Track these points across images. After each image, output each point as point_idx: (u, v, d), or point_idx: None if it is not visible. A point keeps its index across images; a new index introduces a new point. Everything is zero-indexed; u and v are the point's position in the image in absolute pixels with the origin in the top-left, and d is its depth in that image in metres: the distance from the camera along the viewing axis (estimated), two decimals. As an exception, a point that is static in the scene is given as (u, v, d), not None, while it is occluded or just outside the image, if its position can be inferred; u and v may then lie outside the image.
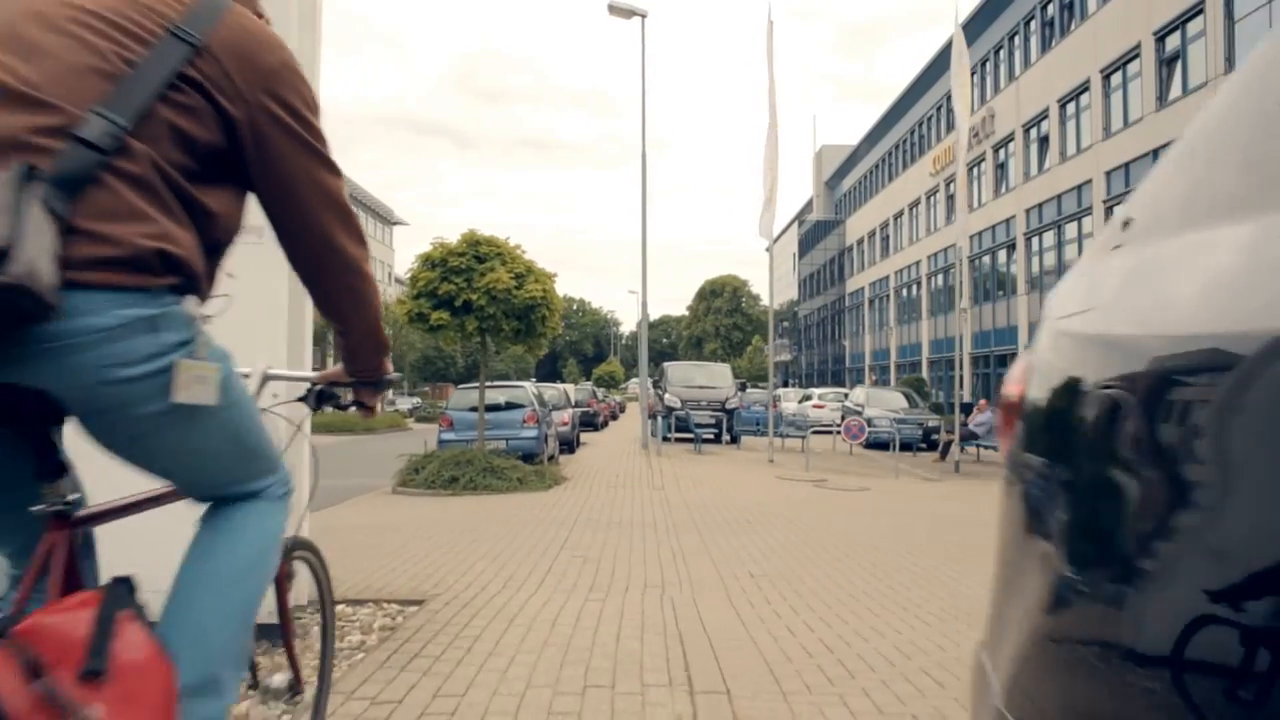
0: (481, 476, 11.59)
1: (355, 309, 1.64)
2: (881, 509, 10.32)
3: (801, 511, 9.76)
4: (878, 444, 21.56)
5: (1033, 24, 30.90)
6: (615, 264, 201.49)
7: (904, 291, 43.63)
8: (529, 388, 14.99)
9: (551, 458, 16.17)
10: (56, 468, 1.39)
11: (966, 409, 32.68)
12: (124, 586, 1.32)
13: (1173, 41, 22.95)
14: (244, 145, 1.42)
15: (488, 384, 14.55)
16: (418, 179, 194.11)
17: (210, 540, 1.51)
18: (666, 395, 21.65)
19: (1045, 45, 29.85)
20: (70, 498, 1.40)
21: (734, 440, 21.20)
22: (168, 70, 1.33)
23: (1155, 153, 23.10)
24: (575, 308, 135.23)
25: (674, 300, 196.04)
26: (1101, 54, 25.87)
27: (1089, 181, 26.36)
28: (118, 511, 1.54)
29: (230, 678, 1.46)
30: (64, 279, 1.17)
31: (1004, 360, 32.38)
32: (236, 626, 1.48)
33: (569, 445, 19.98)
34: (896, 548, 7.24)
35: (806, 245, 62.32)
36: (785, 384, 55.89)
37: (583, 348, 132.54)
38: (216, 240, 1.44)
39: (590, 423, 31.73)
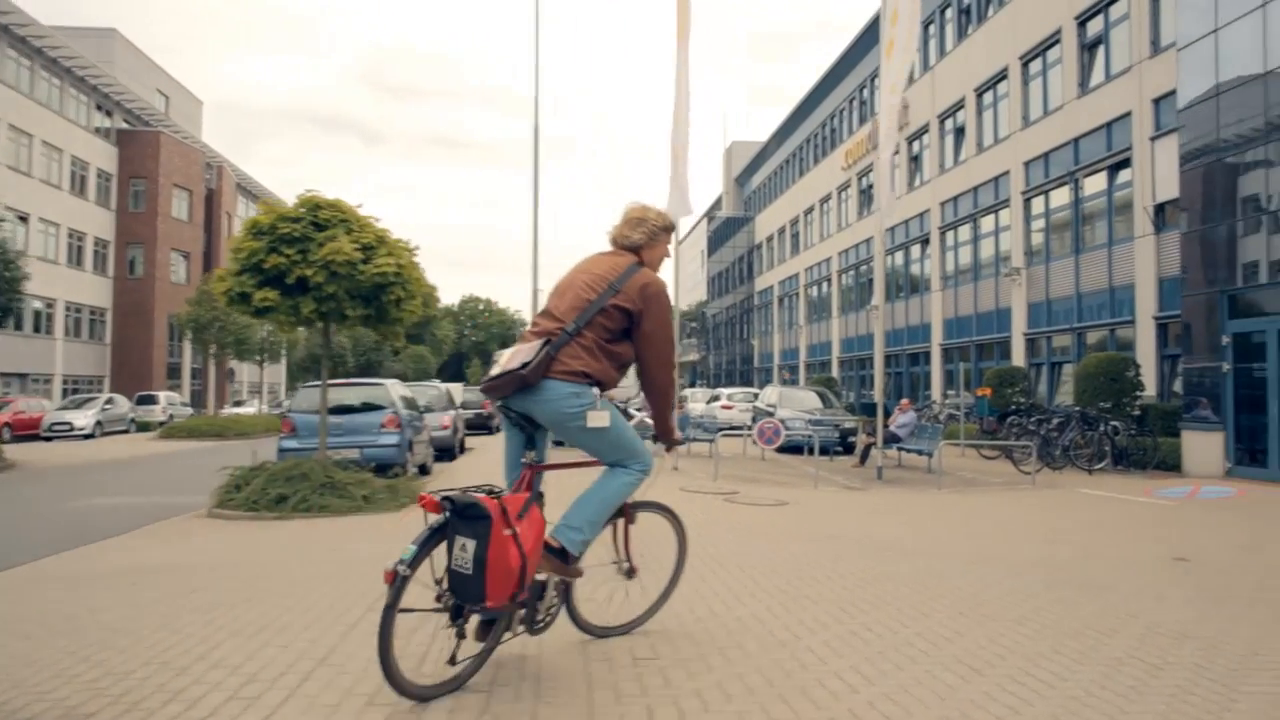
0: (317, 494, 9.37)
1: (661, 404, 3.95)
2: (807, 530, 8.49)
3: (709, 536, 7.85)
4: (791, 448, 19.96)
5: (949, 12, 29.86)
6: (529, 264, 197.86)
7: (814, 289, 42.46)
8: (392, 387, 12.73)
9: (423, 468, 13.99)
10: (533, 446, 3.70)
11: (886, 410, 31.47)
12: (540, 495, 3.56)
13: (1095, 26, 21.97)
14: (633, 329, 3.75)
15: (341, 382, 12.36)
16: (325, 175, 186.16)
17: (601, 480, 3.80)
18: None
19: (961, 33, 28.82)
20: (535, 458, 3.68)
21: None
22: (604, 303, 3.69)
23: (1075, 142, 22.11)
24: (482, 308, 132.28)
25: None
26: (1021, 41, 24.85)
27: (1007, 173, 25.31)
28: (557, 467, 3.85)
29: (587, 531, 3.73)
30: (547, 375, 3.57)
31: (916, 359, 31.30)
32: (594, 513, 3.76)
33: (450, 452, 17.78)
34: (845, 594, 5.35)
35: (715, 243, 60.92)
36: (693, 384, 54.40)
37: (489, 348, 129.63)
38: (622, 364, 3.76)
39: (484, 426, 29.58)
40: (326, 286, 9.40)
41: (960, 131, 28.63)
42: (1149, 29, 19.65)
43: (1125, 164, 20.35)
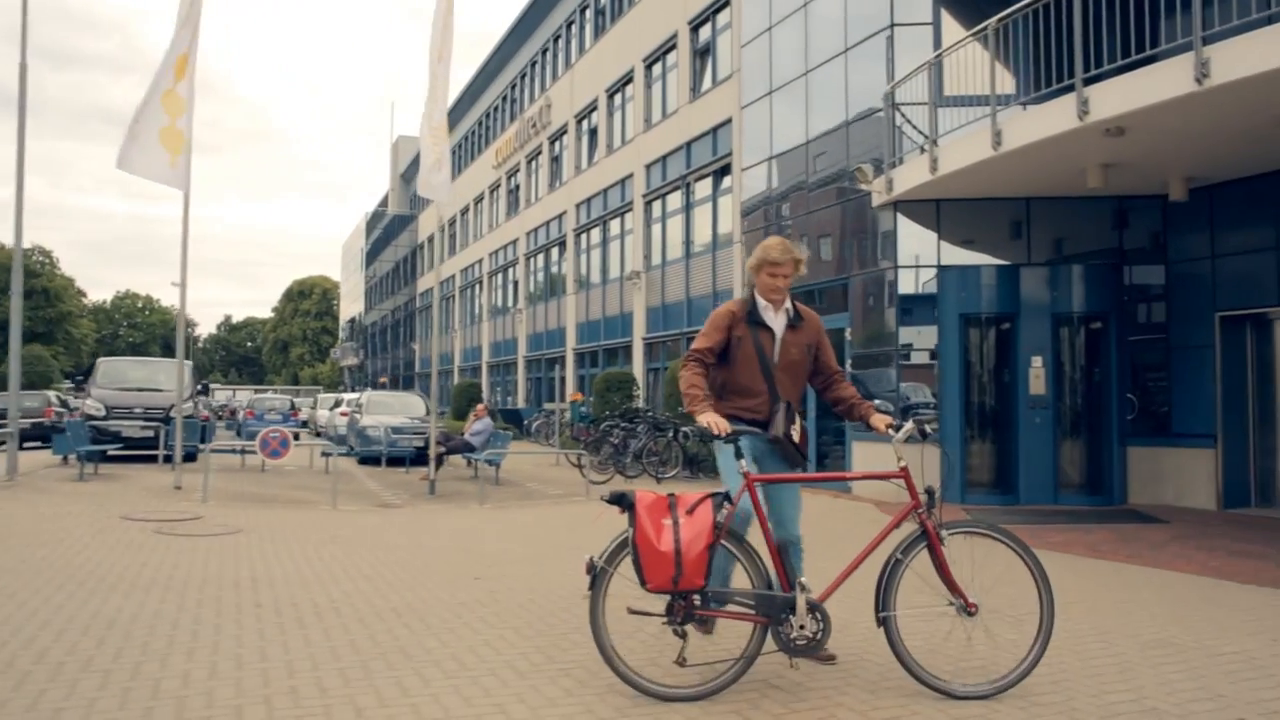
0: None
1: (842, 398, 4.47)
2: (199, 573, 6.49)
3: (20, 584, 5.64)
4: (372, 459, 18.02)
5: (588, 11, 29.37)
6: (206, 259, 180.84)
7: (468, 291, 40.85)
8: None
9: None
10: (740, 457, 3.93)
11: (522, 415, 30.18)
12: (721, 495, 3.74)
13: (705, 32, 22.00)
14: (814, 353, 4.48)
15: None
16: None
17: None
18: (89, 400, 16.32)
19: (598, 32, 28.37)
20: (746, 470, 3.87)
21: (188, 458, 16.33)
22: (807, 342, 4.47)
23: (688, 146, 22.01)
24: (140, 305, 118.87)
25: (262, 302, 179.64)
26: (644, 43, 24.62)
27: (631, 176, 24.98)
28: (769, 479, 4.13)
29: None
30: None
31: (552, 364, 30.48)
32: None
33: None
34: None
35: (381, 242, 57.70)
36: (353, 390, 50.88)
37: (150, 350, 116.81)
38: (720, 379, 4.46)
39: (46, 438, 24.98)
40: None
41: (594, 133, 28.14)
42: (745, 37, 19.76)
43: (727, 170, 20.38)
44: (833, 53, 12.68)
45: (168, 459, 15.63)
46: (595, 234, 27.61)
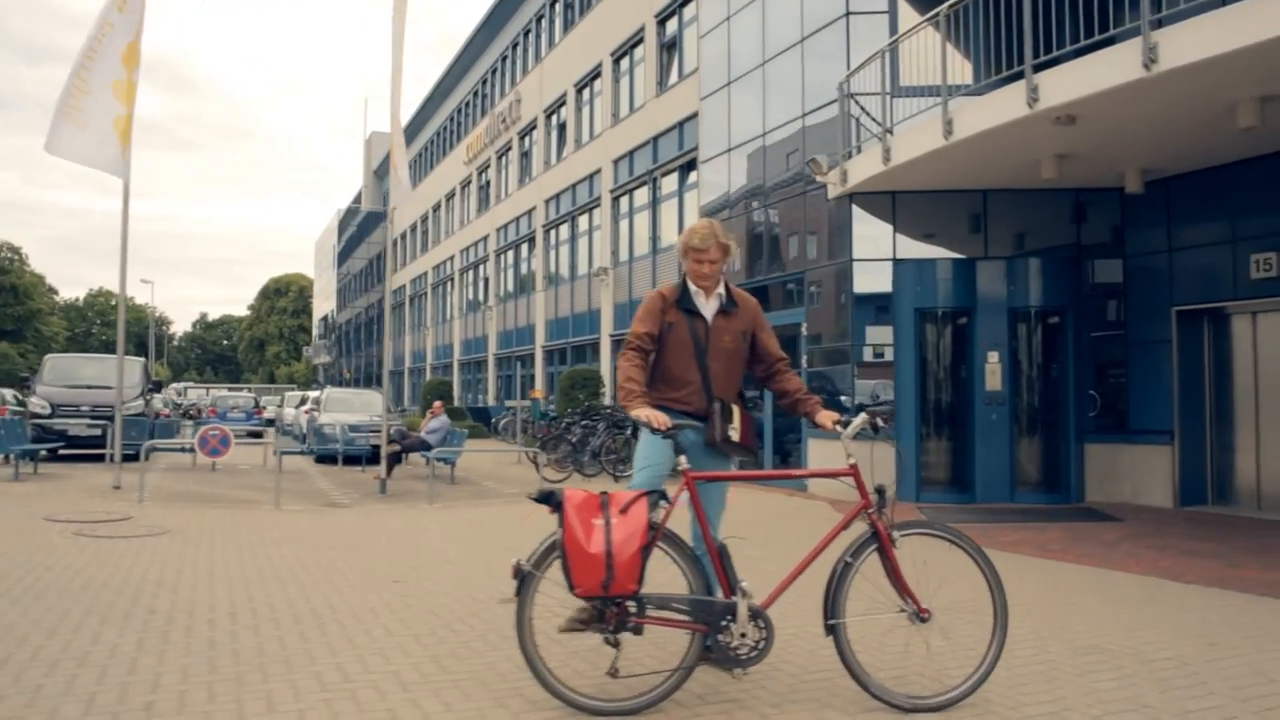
0: None
1: (787, 390, 4.21)
2: (102, 582, 6.17)
3: None
4: (329, 458, 17.67)
5: (558, 5, 29.06)
6: (185, 257, 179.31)
7: (440, 289, 40.44)
8: None
9: None
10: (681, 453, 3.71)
11: (490, 412, 29.85)
12: (657, 494, 3.54)
13: (671, 26, 21.76)
14: (751, 337, 4.19)
15: None
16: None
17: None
18: (34, 398, 15.88)
19: (567, 26, 28.06)
20: (685, 467, 3.68)
21: (132, 457, 15.87)
22: (742, 329, 4.18)
23: (654, 141, 21.75)
24: (114, 302, 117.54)
25: (240, 300, 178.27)
26: (612, 37, 24.35)
27: (599, 171, 24.71)
28: (706, 478, 3.86)
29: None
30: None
31: (524, 361, 30.17)
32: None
33: None
34: None
35: (354, 240, 57.11)
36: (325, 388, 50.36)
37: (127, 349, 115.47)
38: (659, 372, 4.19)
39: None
40: None
41: (562, 128, 27.84)
42: (704, 28, 19.50)
43: (693, 165, 20.14)
44: (789, 42, 12.45)
45: (120, 457, 15.22)
46: (564, 230, 27.32)
